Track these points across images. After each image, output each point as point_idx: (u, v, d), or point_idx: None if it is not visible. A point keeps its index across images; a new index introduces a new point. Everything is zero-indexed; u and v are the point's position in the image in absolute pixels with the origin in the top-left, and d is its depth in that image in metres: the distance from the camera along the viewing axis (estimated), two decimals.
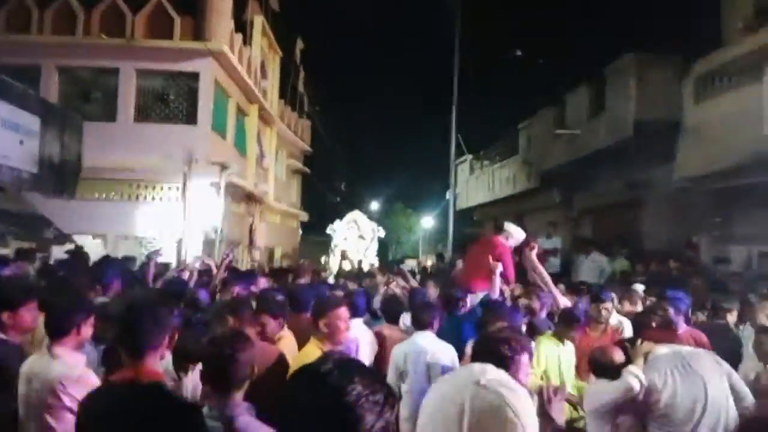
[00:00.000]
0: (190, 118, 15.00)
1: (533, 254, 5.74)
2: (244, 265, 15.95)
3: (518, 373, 2.59)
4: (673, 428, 3.16)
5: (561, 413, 2.13)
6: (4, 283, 4.02)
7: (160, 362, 3.02)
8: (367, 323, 5.26)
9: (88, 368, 2.94)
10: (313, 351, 3.46)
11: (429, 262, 20.20)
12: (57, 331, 2.94)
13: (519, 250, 6.32)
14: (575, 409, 4.43)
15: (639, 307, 6.37)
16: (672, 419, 3.15)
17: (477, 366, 1.16)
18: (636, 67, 11.74)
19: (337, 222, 19.59)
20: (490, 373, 1.14)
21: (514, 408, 1.06)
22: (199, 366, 3.69)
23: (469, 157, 23.25)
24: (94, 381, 2.75)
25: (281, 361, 3.65)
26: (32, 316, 3.29)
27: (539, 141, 16.52)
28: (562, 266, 11.12)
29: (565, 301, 5.35)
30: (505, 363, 2.44)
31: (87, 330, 3.04)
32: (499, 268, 5.85)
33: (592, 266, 10.55)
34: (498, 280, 5.80)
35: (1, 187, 10.29)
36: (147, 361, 2.66)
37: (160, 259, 8.19)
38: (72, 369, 2.80)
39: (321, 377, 1.32)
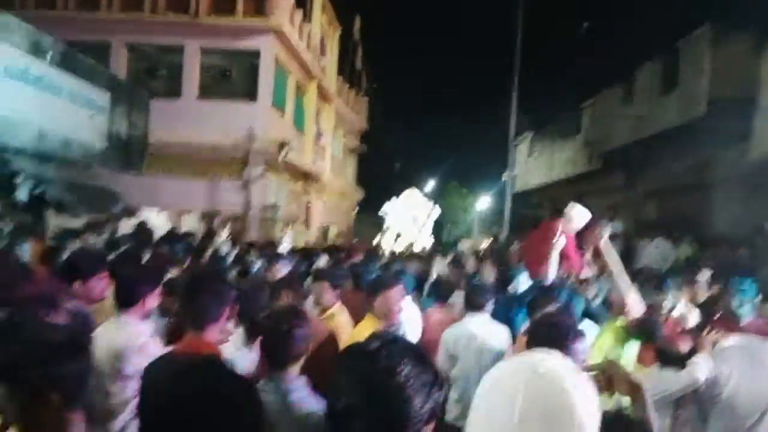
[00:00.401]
0: (251, 95, 15.26)
1: (604, 239, 5.15)
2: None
3: (572, 359, 2.53)
4: (734, 422, 3.08)
5: None
6: (76, 254, 4.21)
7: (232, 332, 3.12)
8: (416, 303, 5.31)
9: (152, 337, 3.05)
10: (368, 328, 3.49)
11: (484, 244, 19.99)
12: (124, 301, 3.08)
13: (580, 235, 6.07)
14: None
15: (701, 296, 6.12)
16: (734, 412, 3.07)
17: (538, 354, 1.12)
18: (711, 41, 11.12)
19: (392, 201, 19.55)
20: (551, 360, 1.09)
21: (572, 399, 1.00)
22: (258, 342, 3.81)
23: (530, 134, 22.73)
24: (156, 350, 2.84)
25: (331, 339, 3.71)
26: (102, 286, 3.42)
27: (603, 120, 15.98)
28: (623, 251, 10.75)
29: (636, 301, 4.16)
30: (560, 349, 2.38)
31: (152, 301, 3.17)
32: (556, 252, 5.68)
33: (655, 252, 10.17)
34: (554, 265, 5.65)
35: (72, 161, 10.73)
36: (206, 333, 2.75)
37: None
38: (136, 337, 2.91)
39: (370, 357, 1.32)
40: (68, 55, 10.31)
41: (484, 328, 4.33)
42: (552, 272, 5.56)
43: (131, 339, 2.90)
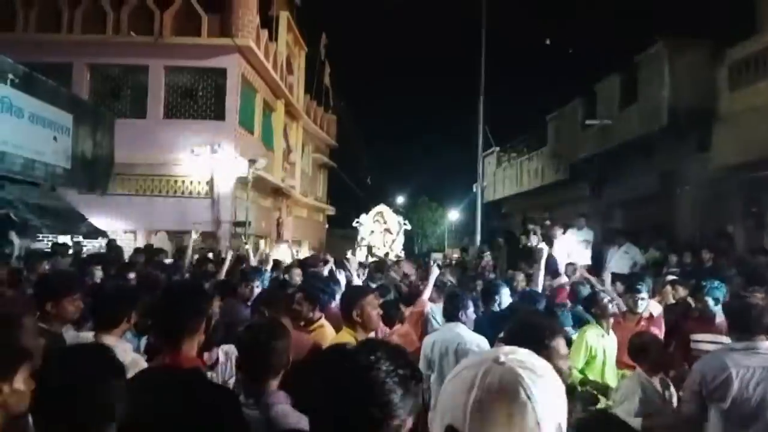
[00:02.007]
0: (218, 113, 15.17)
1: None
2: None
3: (553, 358, 2.55)
4: (734, 428, 3.01)
5: None
6: (49, 275, 4.12)
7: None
8: None
9: (137, 354, 3.02)
10: (346, 339, 3.46)
11: (455, 255, 20.09)
12: (109, 321, 3.05)
13: (549, 240, 6.24)
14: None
15: (668, 297, 6.28)
16: (739, 413, 3.00)
17: (506, 347, 1.13)
18: (668, 54, 11.44)
19: (363, 216, 19.58)
20: (515, 353, 1.10)
21: (530, 391, 1.01)
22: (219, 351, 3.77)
23: (497, 149, 23.04)
24: (145, 365, 2.82)
25: (315, 350, 3.66)
26: (75, 307, 3.36)
27: (568, 132, 16.27)
28: (592, 258, 10.93)
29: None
30: (539, 348, 2.40)
31: (131, 320, 3.19)
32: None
33: (624, 257, 10.34)
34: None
35: (35, 182, 10.53)
36: (184, 347, 2.68)
37: None
38: (124, 355, 2.85)
39: (351, 355, 1.36)
40: (29, 77, 10.17)
41: (464, 335, 4.32)
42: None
43: (121, 357, 2.84)
